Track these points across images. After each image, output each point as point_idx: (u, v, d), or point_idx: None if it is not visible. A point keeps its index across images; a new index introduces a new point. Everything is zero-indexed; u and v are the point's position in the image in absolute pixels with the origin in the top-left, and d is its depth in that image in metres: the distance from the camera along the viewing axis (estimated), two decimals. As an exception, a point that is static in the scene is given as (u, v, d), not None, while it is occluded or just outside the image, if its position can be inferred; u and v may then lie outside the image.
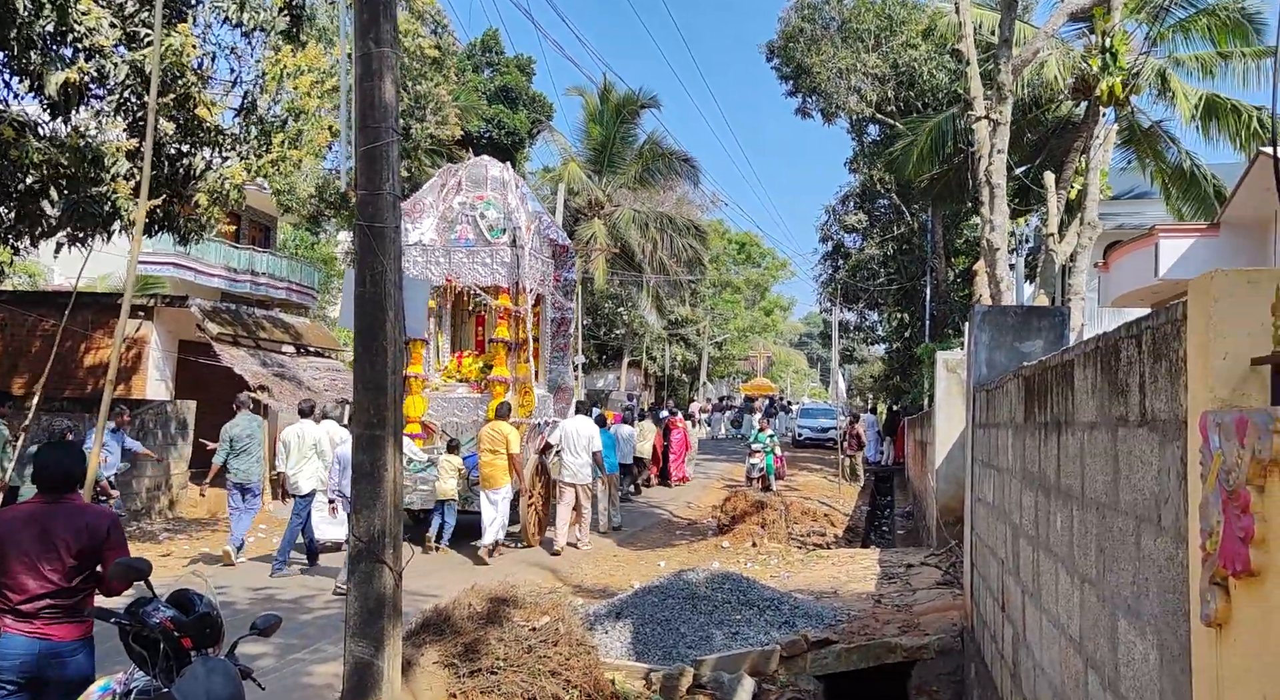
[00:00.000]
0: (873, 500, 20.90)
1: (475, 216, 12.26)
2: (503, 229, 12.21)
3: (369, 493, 4.76)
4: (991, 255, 9.59)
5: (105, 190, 8.65)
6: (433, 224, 12.39)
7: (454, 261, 12.24)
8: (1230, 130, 17.00)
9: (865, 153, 25.77)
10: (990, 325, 6.22)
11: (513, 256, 12.12)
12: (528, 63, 37.68)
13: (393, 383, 4.81)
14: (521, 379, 12.35)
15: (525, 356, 12.38)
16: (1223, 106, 16.94)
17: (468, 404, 12.20)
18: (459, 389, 12.54)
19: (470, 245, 12.24)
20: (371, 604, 4.72)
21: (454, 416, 12.15)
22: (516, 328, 12.33)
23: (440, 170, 13.83)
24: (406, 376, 11.91)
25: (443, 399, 12.30)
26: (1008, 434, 4.53)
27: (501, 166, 12.93)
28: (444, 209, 12.43)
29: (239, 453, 10.12)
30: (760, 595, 7.09)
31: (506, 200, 12.37)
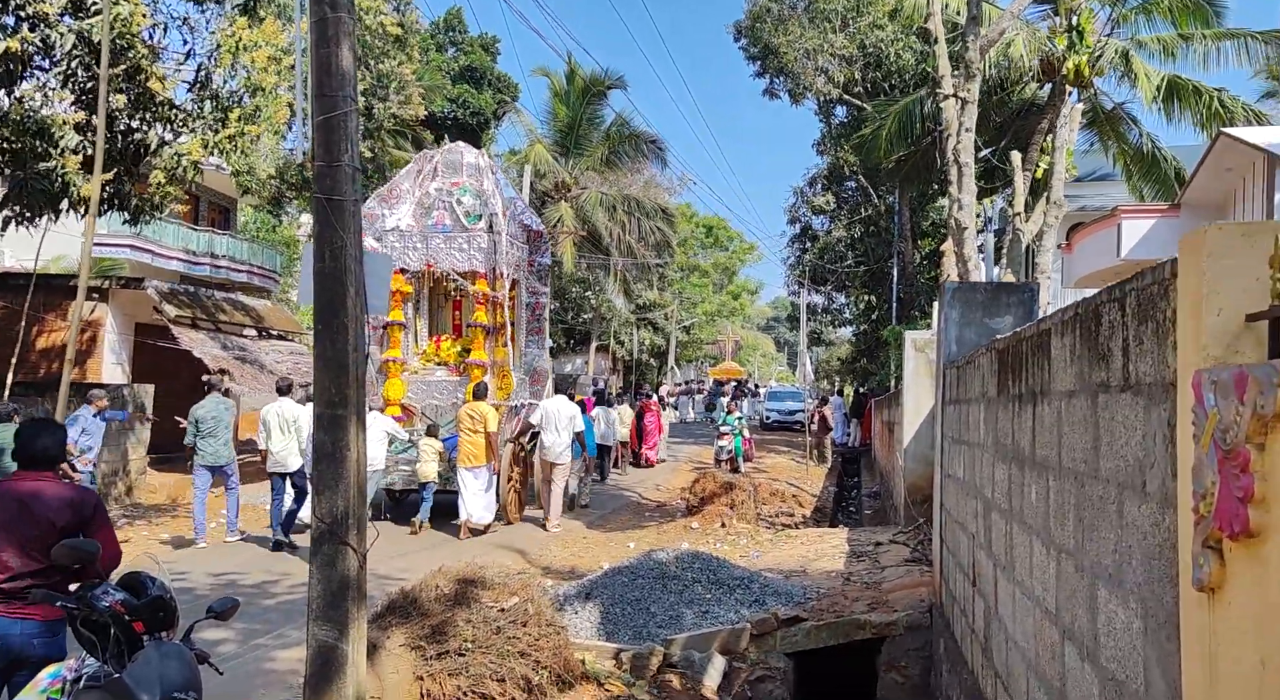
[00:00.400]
0: (840, 481, 21.07)
1: (452, 202, 12.36)
2: (479, 215, 12.33)
3: (331, 473, 4.62)
4: (959, 234, 9.61)
5: (54, 166, 8.33)
6: (410, 210, 12.46)
7: (431, 247, 12.33)
8: (1191, 111, 17.21)
9: (833, 135, 25.78)
10: (960, 302, 6.21)
11: (489, 242, 12.24)
12: (492, 42, 37.17)
13: (354, 360, 4.67)
14: (499, 362, 12.52)
15: (503, 340, 12.54)
16: (1184, 88, 17.14)
17: (446, 387, 12.38)
18: (438, 372, 12.67)
19: (447, 231, 12.35)
20: (335, 586, 4.59)
21: (433, 399, 12.32)
22: (494, 312, 12.46)
23: (416, 156, 13.94)
24: (386, 360, 12.43)
25: (421, 382, 12.46)
26: (979, 409, 4.51)
27: (476, 153, 13.02)
28: (420, 195, 12.50)
29: (205, 435, 10.06)
30: (730, 574, 7.07)
31: (482, 186, 12.47)
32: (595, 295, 38.91)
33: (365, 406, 4.78)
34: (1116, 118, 19.60)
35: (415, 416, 12.04)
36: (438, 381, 12.49)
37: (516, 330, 13.05)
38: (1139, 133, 19.88)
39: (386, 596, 5.54)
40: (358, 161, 4.71)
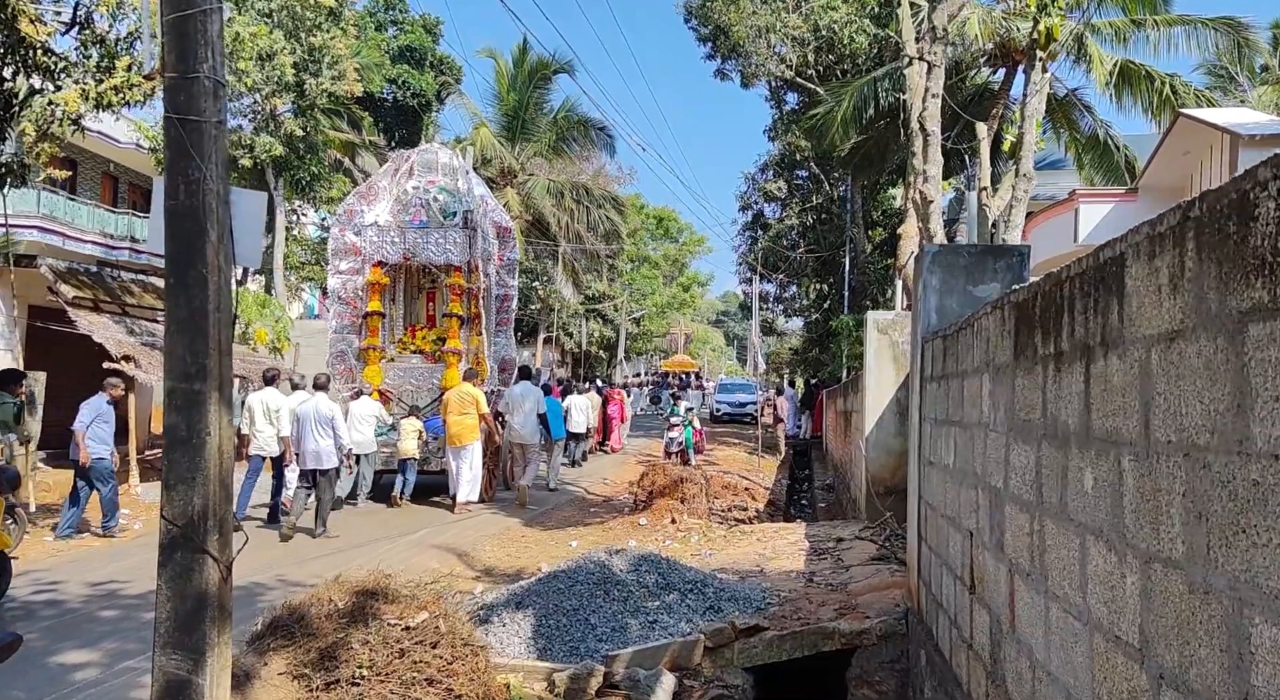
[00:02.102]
0: (792, 473, 20.50)
1: (428, 199, 13.16)
2: (454, 211, 13.16)
3: (185, 463, 3.69)
4: (925, 208, 8.96)
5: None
6: (388, 206, 13.31)
7: (409, 241, 13.11)
8: (1143, 98, 16.93)
9: (784, 119, 25.15)
10: (941, 267, 5.49)
11: (464, 237, 13.08)
12: (435, 23, 35.79)
13: (217, 322, 3.74)
14: (474, 350, 13.48)
15: (478, 330, 13.49)
16: (1136, 73, 16.84)
17: (422, 373, 13.39)
18: (413, 359, 13.60)
19: (424, 226, 13.15)
20: (189, 605, 3.66)
21: (409, 384, 13.29)
22: (469, 303, 13.34)
23: (393, 155, 14.98)
24: (365, 348, 13.26)
25: (399, 369, 13.39)
26: (981, 381, 3.76)
27: (451, 153, 14.03)
28: (398, 192, 13.31)
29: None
30: (681, 577, 6.26)
31: (457, 185, 13.34)
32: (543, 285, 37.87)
33: (230, 380, 3.85)
34: (1069, 104, 19.30)
35: (392, 401, 12.87)
36: (414, 368, 13.43)
37: (486, 321, 13.83)
38: (1091, 119, 19.64)
39: (269, 612, 4.60)
40: (221, 74, 3.77)
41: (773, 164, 27.75)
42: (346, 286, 13.38)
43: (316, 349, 24.77)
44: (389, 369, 13.22)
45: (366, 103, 30.99)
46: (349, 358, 13.30)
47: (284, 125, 23.44)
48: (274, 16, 22.87)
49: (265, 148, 22.73)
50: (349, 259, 13.35)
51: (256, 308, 22.04)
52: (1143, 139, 20.59)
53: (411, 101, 33.22)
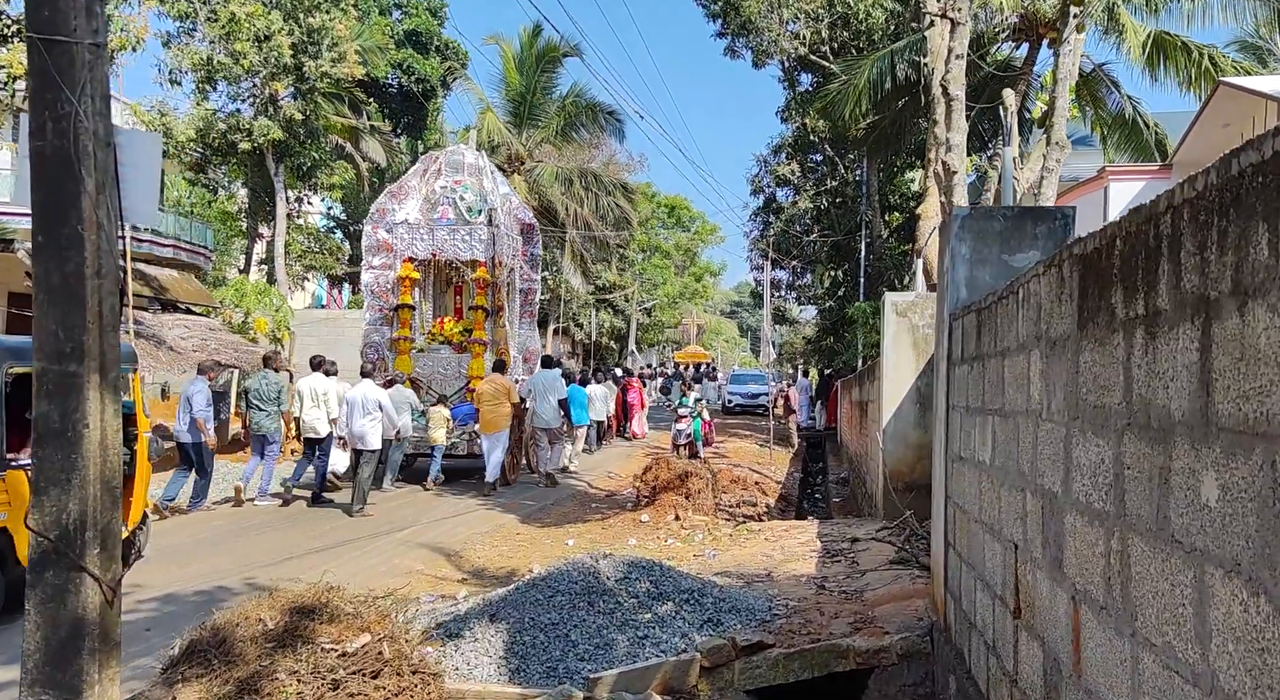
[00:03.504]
0: (805, 466, 19.78)
1: (455, 199, 13.99)
2: (479, 210, 13.98)
3: (59, 462, 3.04)
4: (948, 180, 8.21)
5: None
6: (417, 205, 14.11)
7: (437, 238, 14.00)
8: (1179, 70, 16.02)
9: (798, 100, 24.31)
10: (972, 234, 4.77)
11: (489, 234, 13.88)
12: (440, 6, 35.08)
13: (97, 290, 3.08)
14: (499, 341, 14.30)
15: (501, 321, 14.39)
16: (1172, 44, 15.94)
17: (450, 363, 14.15)
18: (442, 350, 14.34)
19: (451, 224, 13.98)
20: (64, 634, 3.02)
21: (438, 373, 14.01)
22: (493, 296, 14.21)
23: (423, 157, 15.92)
24: (396, 339, 13.98)
25: (428, 359, 14.15)
26: (1028, 359, 3.06)
27: (476, 154, 14.79)
28: (426, 191, 14.11)
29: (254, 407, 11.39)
30: (676, 586, 5.59)
31: (482, 184, 14.14)
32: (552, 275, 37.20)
33: (118, 361, 3.19)
34: (1095, 80, 18.40)
35: (423, 389, 13.42)
36: (442, 358, 14.19)
37: (510, 313, 14.70)
38: (1119, 96, 18.72)
39: (186, 633, 3.96)
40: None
41: (785, 146, 26.89)
42: (379, 281, 14.25)
43: (318, 339, 24.22)
44: (419, 359, 14.00)
45: (371, 88, 30.36)
46: (381, 348, 14.04)
47: (283, 109, 22.83)
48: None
49: (263, 131, 22.14)
50: (381, 255, 14.24)
51: (256, 296, 21.49)
52: (1173, 116, 19.64)
53: (416, 87, 32.58)
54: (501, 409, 12.30)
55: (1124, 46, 15.73)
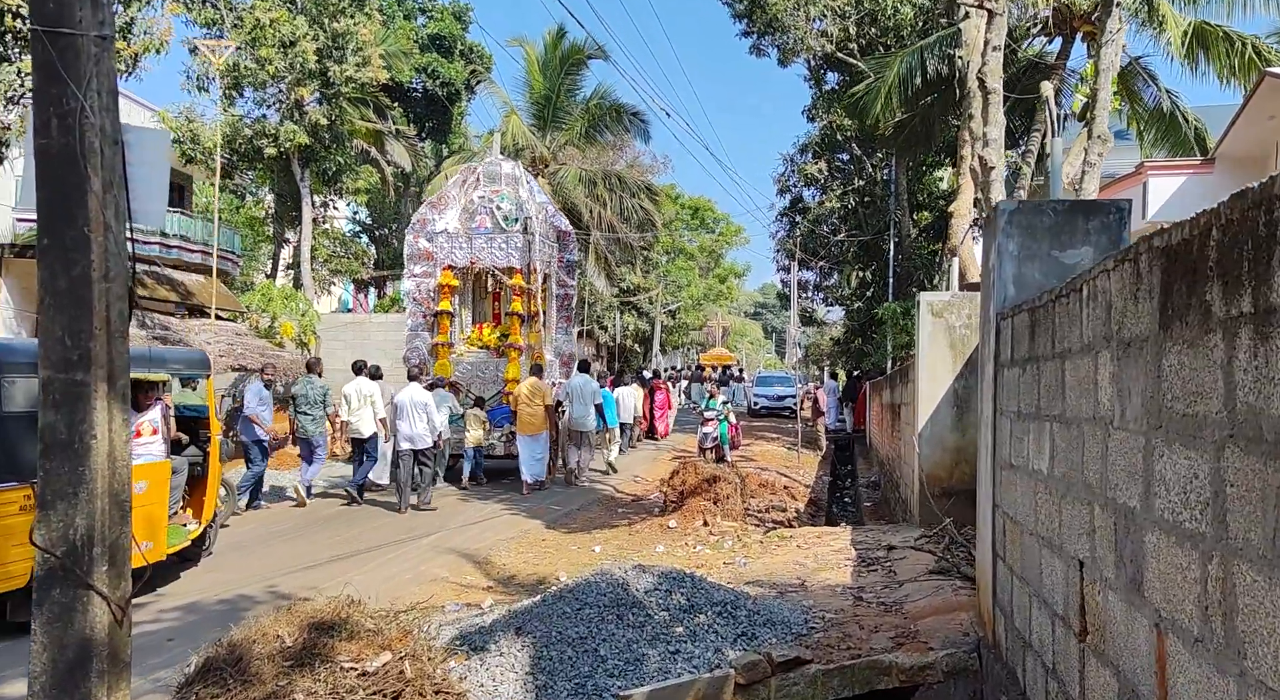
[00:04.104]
0: (834, 470, 19.45)
1: (492, 208, 14.59)
2: (516, 218, 14.54)
3: (66, 474, 2.90)
4: (985, 175, 7.93)
5: None
6: (456, 214, 14.72)
7: (475, 246, 14.58)
8: (1220, 62, 15.53)
9: (824, 98, 23.98)
10: (1020, 229, 4.53)
11: (524, 242, 14.44)
12: (464, 10, 35.14)
13: (104, 294, 2.94)
14: (534, 346, 14.73)
15: (536, 327, 14.80)
16: (1213, 35, 15.45)
17: (488, 367, 14.70)
18: (480, 354, 14.92)
19: (488, 232, 14.55)
20: (71, 656, 2.88)
21: (476, 377, 14.56)
22: (528, 302, 14.64)
23: (461, 168, 16.78)
24: (436, 344, 14.52)
25: (466, 363, 14.73)
26: (1095, 361, 2.83)
27: (513, 164, 15.32)
28: (465, 201, 14.75)
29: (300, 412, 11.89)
30: (709, 597, 5.38)
31: (518, 193, 14.69)
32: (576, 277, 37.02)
33: (127, 369, 3.05)
34: (1131, 74, 17.91)
35: (462, 392, 13.91)
36: (480, 362, 14.74)
37: (547, 318, 15.25)
38: (1156, 90, 18.23)
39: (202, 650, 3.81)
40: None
41: (812, 145, 26.55)
42: (420, 288, 14.87)
43: (344, 342, 24.25)
44: (458, 363, 14.59)
45: (395, 93, 30.41)
46: (423, 353, 14.61)
47: (309, 114, 22.89)
48: (297, 2, 22.34)
49: (289, 136, 22.21)
50: (422, 263, 14.85)
51: (282, 301, 21.55)
52: (1213, 110, 19.11)
53: (441, 91, 32.61)
54: (538, 411, 12.79)
55: (1163, 38, 15.29)
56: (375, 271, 37.01)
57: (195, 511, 8.26)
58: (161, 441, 7.56)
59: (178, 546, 7.67)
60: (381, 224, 37.67)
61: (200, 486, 8.30)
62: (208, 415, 8.61)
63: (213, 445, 8.42)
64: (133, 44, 7.97)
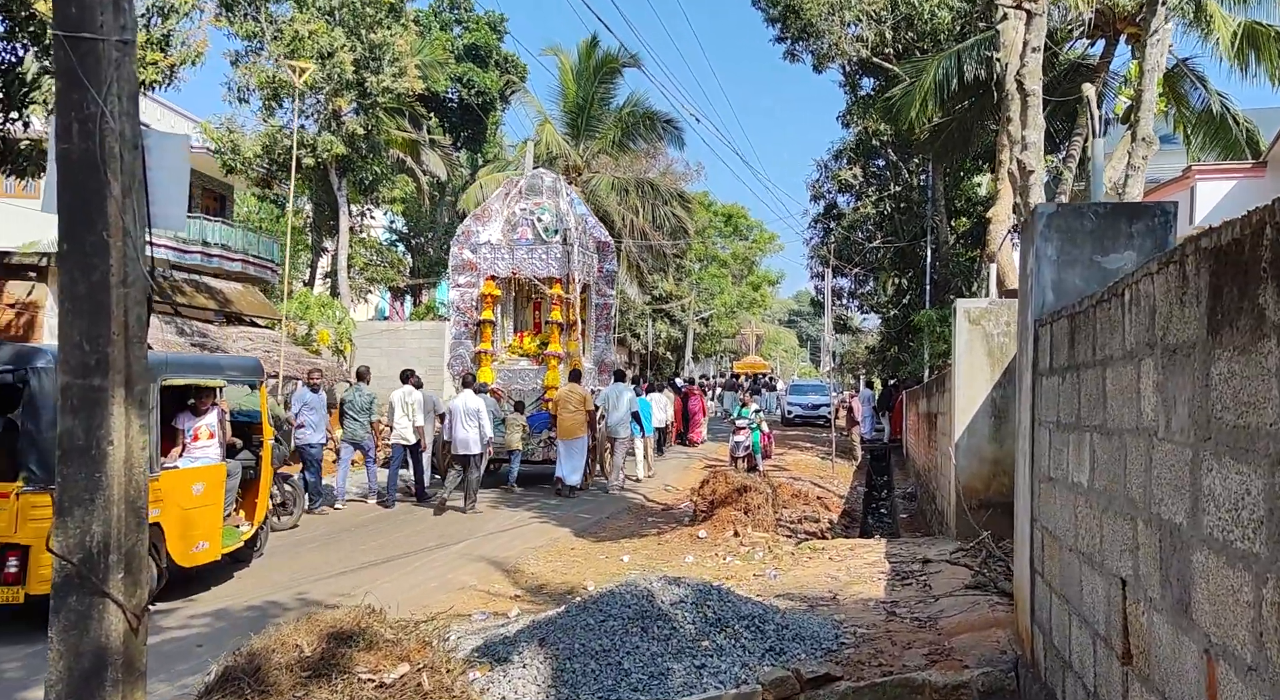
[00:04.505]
0: (869, 480, 19.17)
1: (533, 220, 15.01)
2: (556, 230, 14.93)
3: (83, 481, 2.88)
4: (1024, 180, 7.73)
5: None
6: (499, 226, 15.20)
7: (517, 257, 15.04)
8: (1273, 63, 15.08)
9: (860, 103, 23.75)
10: (1059, 233, 4.38)
11: (563, 253, 14.82)
12: (499, 20, 35.44)
13: (123, 299, 2.93)
14: (572, 354, 15.05)
15: (575, 335, 15.15)
16: (1264, 35, 15.02)
17: (528, 374, 15.04)
18: (521, 362, 15.32)
19: (529, 243, 15.01)
20: (86, 664, 2.86)
21: (517, 384, 14.88)
22: (567, 311, 14.98)
23: (505, 181, 17.15)
24: (479, 352, 14.91)
25: (508, 370, 15.10)
26: (1138, 369, 2.69)
27: (554, 178, 15.76)
28: (508, 213, 15.21)
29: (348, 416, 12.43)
30: (737, 611, 5.27)
31: (559, 205, 15.07)
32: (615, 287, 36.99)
33: (145, 374, 3.03)
34: (1178, 76, 17.48)
35: (503, 399, 14.23)
36: (521, 369, 15.11)
37: (587, 327, 15.70)
38: (1205, 92, 17.77)
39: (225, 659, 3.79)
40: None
41: (847, 151, 26.30)
42: (464, 298, 15.33)
43: (379, 350, 24.44)
44: (499, 370, 14.96)
45: (431, 102, 30.70)
46: (466, 360, 15.09)
47: (346, 125, 23.17)
48: (335, 14, 22.65)
49: (327, 146, 22.49)
50: (466, 274, 15.32)
51: (319, 309, 21.80)
52: (1267, 112, 18.58)
53: (476, 100, 32.86)
54: (578, 416, 13.09)
55: (1211, 39, 14.89)
56: (411, 279, 37.34)
57: (248, 513, 8.49)
58: (218, 445, 7.84)
59: (231, 547, 7.89)
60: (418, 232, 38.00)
61: (253, 489, 8.54)
62: (260, 420, 8.84)
63: (265, 449, 8.65)
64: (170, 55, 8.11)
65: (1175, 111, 17.97)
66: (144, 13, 8.04)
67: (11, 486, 6.04)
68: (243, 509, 8.51)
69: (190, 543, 7.20)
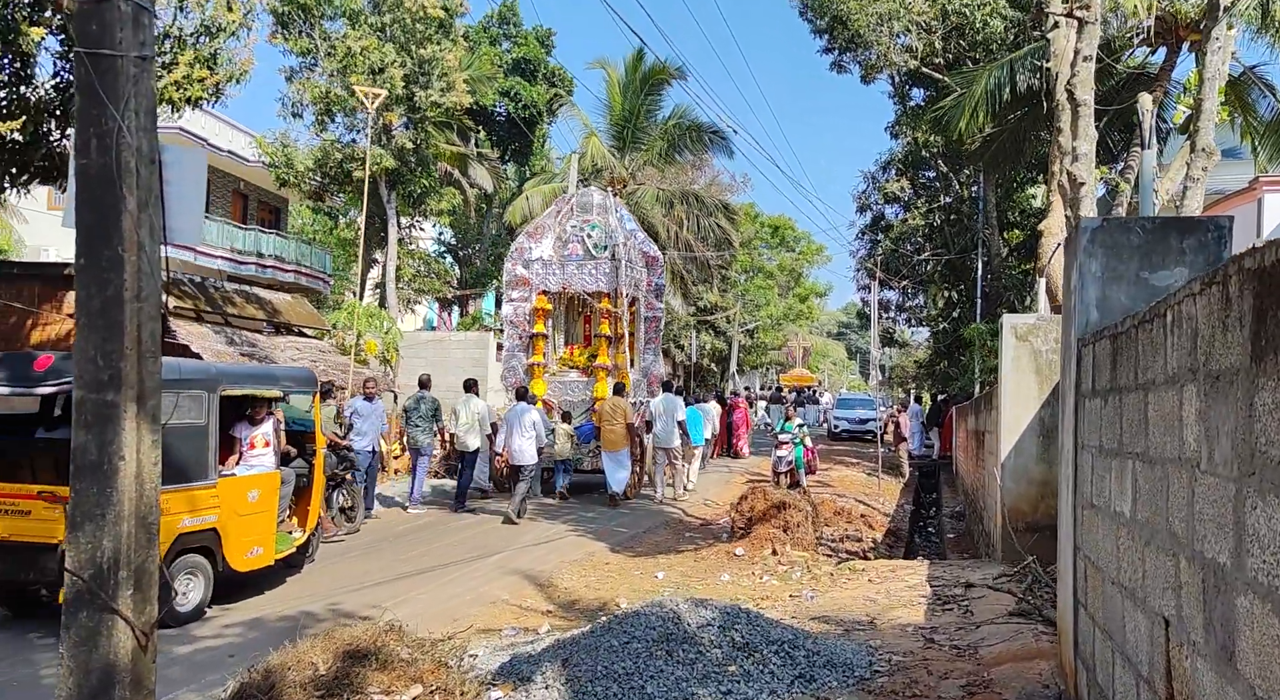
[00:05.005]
0: (917, 498, 18.74)
1: (584, 236, 15.48)
2: (605, 246, 15.38)
3: (95, 496, 2.89)
4: (1074, 192, 7.47)
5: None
6: (551, 242, 15.69)
7: (567, 272, 15.49)
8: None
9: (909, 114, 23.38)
10: (1104, 248, 4.18)
11: (612, 268, 15.25)
12: (547, 35, 35.74)
13: (136, 314, 2.93)
14: (619, 366, 15.39)
15: (622, 348, 15.50)
16: (1336, 39, 14.42)
17: (578, 386, 15.42)
18: (571, 374, 15.75)
19: (579, 259, 15.46)
20: (95, 681, 2.85)
21: (567, 395, 15.28)
22: (615, 325, 15.35)
23: (556, 200, 17.76)
24: (531, 364, 15.40)
25: (559, 382, 15.48)
26: (1180, 395, 2.52)
27: (604, 194, 16.18)
28: (559, 230, 15.69)
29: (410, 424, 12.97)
30: (766, 635, 5.12)
31: (608, 222, 15.54)
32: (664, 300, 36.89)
33: (158, 389, 3.03)
34: (1244, 84, 16.86)
35: (554, 409, 14.60)
36: (571, 381, 15.52)
37: (636, 340, 16.09)
38: (1274, 101, 17.10)
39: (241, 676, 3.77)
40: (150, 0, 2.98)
41: (895, 162, 25.90)
42: (517, 312, 15.82)
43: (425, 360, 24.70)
44: (551, 382, 15.33)
45: (479, 116, 31.07)
46: (519, 372, 15.53)
47: (395, 138, 23.55)
48: (386, 31, 23.06)
49: (376, 159, 22.87)
50: (520, 289, 15.83)
51: (366, 319, 22.12)
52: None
53: (523, 114, 33.16)
54: (620, 428, 13.42)
55: (1279, 45, 14.33)
56: (458, 290, 37.76)
57: (300, 520, 8.71)
58: (273, 453, 8.05)
59: (284, 553, 8.12)
60: (465, 244, 38.44)
61: (305, 497, 8.75)
62: (313, 429, 9.04)
63: (317, 458, 8.86)
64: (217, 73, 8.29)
65: (1242, 121, 17.34)
66: (192, 32, 8.26)
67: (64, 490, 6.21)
68: (295, 515, 8.72)
69: (245, 548, 7.44)
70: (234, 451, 7.94)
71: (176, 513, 6.70)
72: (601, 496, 14.03)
